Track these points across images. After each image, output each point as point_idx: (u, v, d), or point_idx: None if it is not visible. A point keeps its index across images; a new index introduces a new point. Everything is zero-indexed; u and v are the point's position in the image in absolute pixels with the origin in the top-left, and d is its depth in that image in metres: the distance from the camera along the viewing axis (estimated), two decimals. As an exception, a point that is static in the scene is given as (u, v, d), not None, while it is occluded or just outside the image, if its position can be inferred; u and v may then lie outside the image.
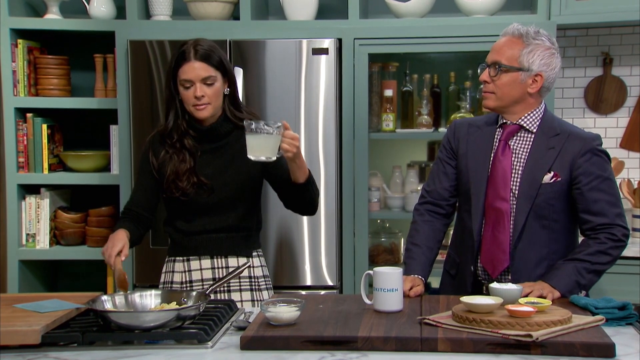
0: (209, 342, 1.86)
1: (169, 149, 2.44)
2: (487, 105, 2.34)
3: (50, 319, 1.92)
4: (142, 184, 2.50)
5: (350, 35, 3.32)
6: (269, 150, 2.09)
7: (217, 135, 2.46)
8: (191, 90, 2.38)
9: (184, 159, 2.43)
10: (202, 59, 2.38)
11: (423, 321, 1.93)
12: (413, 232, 2.44)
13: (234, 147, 2.45)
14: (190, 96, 2.38)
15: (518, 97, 2.30)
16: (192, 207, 2.45)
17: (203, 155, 2.45)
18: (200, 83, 2.37)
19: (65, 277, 3.83)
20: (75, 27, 3.53)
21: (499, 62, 2.29)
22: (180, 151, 2.43)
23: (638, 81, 3.65)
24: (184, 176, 2.41)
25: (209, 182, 2.43)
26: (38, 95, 3.58)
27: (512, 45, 2.29)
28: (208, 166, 2.45)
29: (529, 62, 2.26)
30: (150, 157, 2.47)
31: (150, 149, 2.49)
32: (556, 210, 2.29)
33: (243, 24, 3.39)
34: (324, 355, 1.78)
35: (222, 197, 2.44)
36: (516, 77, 2.27)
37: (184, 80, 2.38)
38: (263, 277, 2.54)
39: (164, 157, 2.45)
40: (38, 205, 3.55)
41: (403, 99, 3.56)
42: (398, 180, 3.61)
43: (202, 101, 2.38)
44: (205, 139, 2.46)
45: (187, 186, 2.41)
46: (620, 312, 2.01)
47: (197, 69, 2.37)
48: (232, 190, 2.44)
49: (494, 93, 2.30)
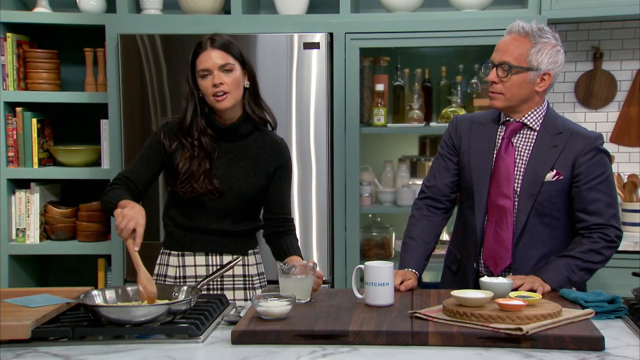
0: (200, 337, 1.86)
1: (186, 144, 2.37)
2: (495, 106, 2.32)
3: (40, 314, 1.91)
4: (147, 159, 2.41)
5: (341, 29, 3.32)
6: (300, 293, 2.07)
7: (235, 135, 2.41)
8: (209, 79, 2.33)
9: (200, 160, 2.37)
10: (220, 48, 2.34)
11: (414, 315, 1.93)
12: (410, 226, 2.44)
13: (249, 153, 2.41)
14: (208, 85, 2.33)
15: (526, 96, 2.29)
16: (196, 204, 2.41)
17: (219, 156, 2.40)
18: (218, 71, 2.32)
19: (55, 272, 3.81)
20: (65, 21, 3.51)
21: (508, 63, 2.26)
22: (199, 151, 2.37)
23: (628, 76, 3.66)
24: (200, 178, 2.36)
25: (221, 188, 2.38)
26: (28, 89, 3.55)
27: (519, 44, 2.26)
28: (221, 167, 2.40)
29: (538, 61, 2.25)
30: (163, 139, 2.40)
31: (163, 132, 2.41)
32: (558, 208, 2.30)
33: (234, 18, 3.38)
34: (315, 350, 1.78)
35: (226, 201, 2.41)
36: (525, 77, 2.26)
37: (201, 70, 2.34)
38: (258, 275, 2.52)
39: (178, 148, 2.38)
40: (28, 200, 3.53)
41: (394, 93, 3.56)
42: (389, 175, 3.61)
43: (221, 88, 2.32)
44: (224, 138, 2.41)
45: (201, 190, 2.37)
46: (609, 306, 2.03)
47: (214, 57, 2.33)
48: (237, 195, 2.40)
49: (502, 94, 2.28)
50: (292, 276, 2.11)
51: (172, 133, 2.42)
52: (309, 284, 2.13)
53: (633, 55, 3.65)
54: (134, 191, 2.37)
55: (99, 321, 1.89)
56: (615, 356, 1.72)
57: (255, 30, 3.30)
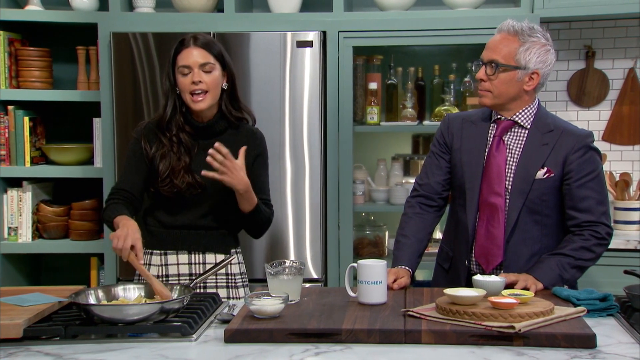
0: (193, 335, 1.86)
1: (165, 141, 2.41)
2: (483, 103, 2.33)
3: (32, 313, 1.91)
4: (135, 166, 2.44)
5: (334, 28, 3.31)
6: (289, 294, 2.06)
7: (212, 132, 2.44)
8: (189, 76, 2.36)
9: (180, 155, 2.40)
10: (202, 46, 2.38)
11: (407, 313, 1.93)
12: (403, 224, 2.44)
13: (230, 145, 2.42)
14: (187, 83, 2.36)
15: (514, 94, 2.30)
16: (178, 201, 2.43)
17: (198, 152, 2.43)
18: (198, 69, 2.36)
19: (48, 271, 3.80)
20: (57, 19, 3.50)
21: (495, 61, 2.27)
22: (178, 147, 2.41)
23: (620, 74, 3.68)
24: (180, 174, 2.39)
25: (203, 182, 2.40)
26: (19, 87, 3.54)
27: (508, 43, 2.27)
28: (201, 163, 2.42)
29: (526, 60, 2.26)
30: (144, 144, 2.43)
31: (143, 136, 2.44)
32: (549, 205, 2.31)
33: (227, 17, 3.38)
34: (308, 348, 1.78)
35: (208, 195, 2.43)
36: (513, 75, 2.27)
37: (182, 66, 2.37)
38: (240, 275, 2.54)
39: (158, 149, 2.42)
40: (20, 198, 3.52)
41: (387, 92, 3.56)
42: (382, 174, 3.61)
43: (200, 87, 2.36)
44: (201, 136, 2.44)
45: (182, 185, 2.39)
46: (601, 304, 2.03)
47: (196, 55, 2.37)
48: (218, 189, 2.42)
49: (491, 91, 2.30)
50: (280, 277, 2.11)
51: (151, 134, 2.44)
52: (298, 285, 2.13)
53: (625, 54, 3.66)
54: (132, 200, 2.41)
55: (92, 320, 1.89)
56: (607, 354, 1.73)
57: (249, 29, 3.30)
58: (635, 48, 3.65)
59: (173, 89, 2.41)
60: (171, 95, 2.42)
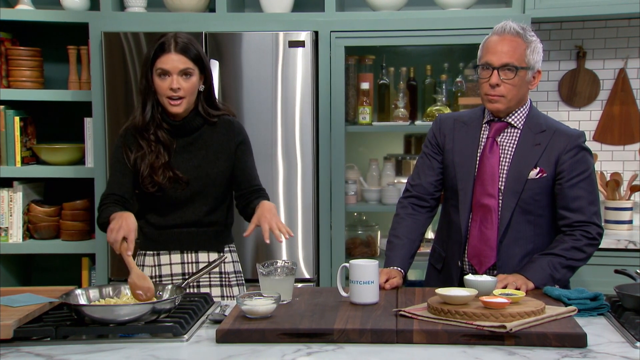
0: (184, 336, 1.86)
1: (143, 143, 2.41)
2: (497, 109, 2.30)
3: (22, 313, 1.90)
4: (121, 170, 2.44)
5: (326, 28, 3.31)
6: (281, 294, 2.05)
7: (189, 129, 2.44)
8: (167, 81, 2.36)
9: (159, 153, 2.41)
10: (182, 52, 2.37)
11: (399, 313, 1.94)
12: (395, 225, 2.44)
13: (207, 142, 2.45)
14: (165, 87, 2.36)
15: (522, 96, 2.31)
16: (165, 201, 2.43)
17: (178, 150, 2.44)
18: (177, 75, 2.36)
19: (39, 271, 3.79)
20: (47, 18, 3.48)
21: (512, 64, 2.25)
22: (156, 145, 2.41)
23: (611, 74, 3.69)
24: (160, 170, 2.40)
25: (184, 177, 2.41)
26: (10, 87, 3.53)
27: (516, 45, 2.26)
28: (182, 160, 2.43)
29: (533, 60, 2.28)
30: (125, 151, 2.44)
31: (123, 144, 2.45)
32: (542, 205, 2.31)
33: (219, 16, 3.37)
34: (300, 348, 1.78)
35: (195, 191, 2.43)
36: (525, 76, 2.28)
37: (161, 69, 2.36)
38: (234, 273, 2.54)
39: (138, 152, 2.42)
40: (11, 198, 3.50)
41: (379, 91, 3.56)
42: (375, 173, 3.62)
43: (178, 94, 2.36)
44: (178, 133, 2.44)
45: (163, 181, 2.40)
46: (592, 303, 2.04)
47: (176, 61, 2.36)
48: (204, 184, 2.43)
49: (504, 96, 2.27)
50: (272, 277, 2.11)
51: (130, 139, 2.44)
52: (290, 285, 2.13)
53: (616, 54, 3.68)
54: (124, 202, 2.41)
55: (83, 320, 1.88)
56: (598, 353, 1.73)
57: (240, 29, 3.29)
58: (625, 48, 3.66)
59: (150, 89, 2.40)
60: (149, 96, 2.41)
